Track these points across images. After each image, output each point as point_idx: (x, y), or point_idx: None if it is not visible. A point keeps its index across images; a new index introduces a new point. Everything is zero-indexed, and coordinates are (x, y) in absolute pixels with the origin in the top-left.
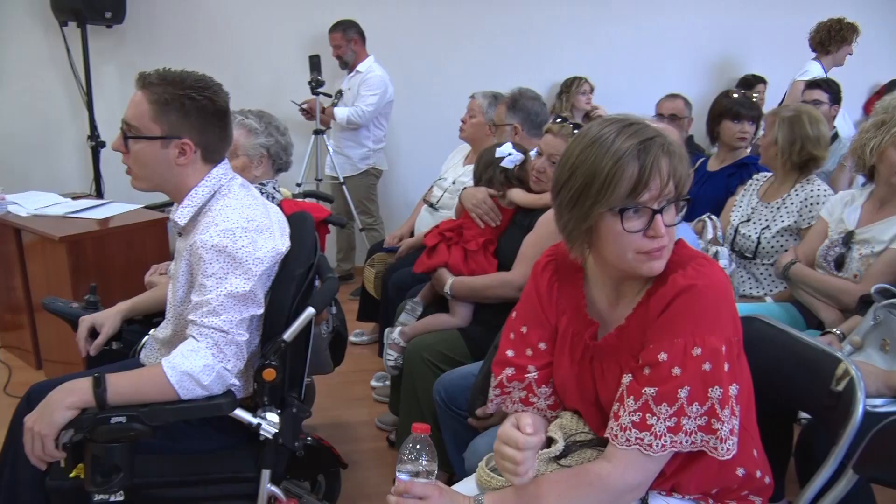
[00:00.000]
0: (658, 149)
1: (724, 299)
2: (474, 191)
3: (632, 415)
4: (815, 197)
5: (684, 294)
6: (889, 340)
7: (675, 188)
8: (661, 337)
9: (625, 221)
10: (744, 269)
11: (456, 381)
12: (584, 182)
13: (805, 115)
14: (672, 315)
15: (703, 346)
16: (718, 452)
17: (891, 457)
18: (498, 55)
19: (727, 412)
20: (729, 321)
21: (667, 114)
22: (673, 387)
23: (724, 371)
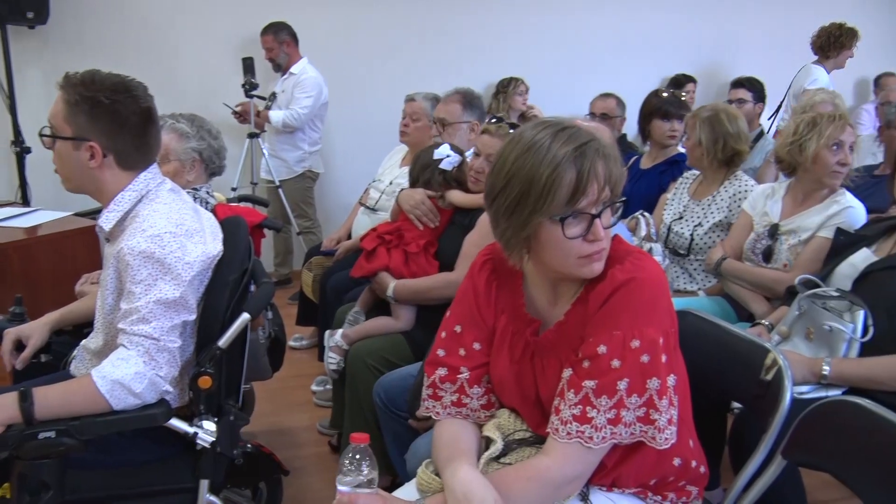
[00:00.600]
0: (594, 153)
1: (661, 292)
2: (412, 192)
3: (572, 408)
4: (743, 192)
5: (623, 288)
6: (813, 329)
7: (611, 191)
8: (601, 330)
9: (565, 228)
10: (677, 266)
11: (395, 383)
12: (521, 190)
13: (723, 113)
14: (611, 308)
15: (641, 339)
16: (657, 442)
17: (816, 441)
18: (433, 55)
19: (665, 402)
20: (666, 313)
21: (598, 113)
22: (612, 379)
23: (661, 362)
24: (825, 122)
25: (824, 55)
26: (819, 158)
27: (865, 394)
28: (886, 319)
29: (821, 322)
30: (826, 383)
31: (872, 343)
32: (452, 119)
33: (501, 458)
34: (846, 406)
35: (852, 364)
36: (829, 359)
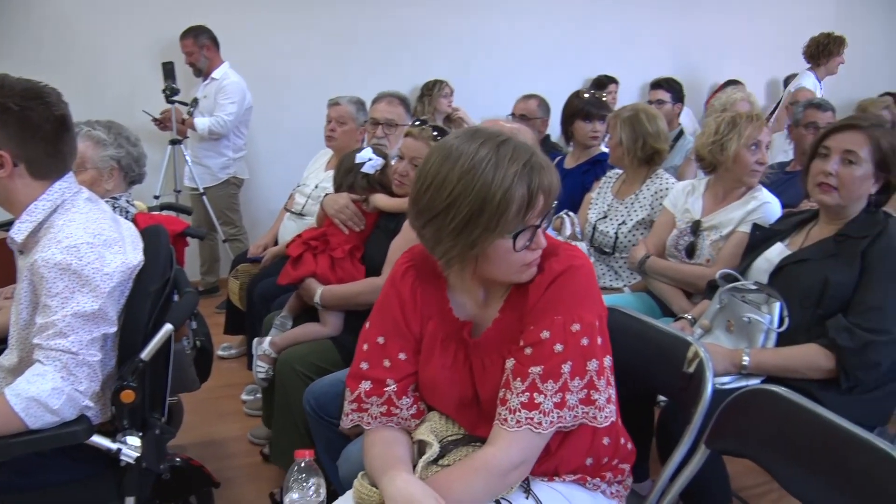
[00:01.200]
0: (538, 169)
1: (594, 279)
2: (336, 197)
3: (520, 396)
4: (664, 190)
5: (562, 276)
6: (733, 322)
7: (550, 200)
8: (543, 317)
9: (516, 243)
10: (603, 264)
11: (326, 389)
12: (470, 211)
13: (642, 113)
14: (552, 296)
15: (580, 322)
16: (598, 421)
17: (737, 429)
18: (357, 58)
19: (603, 382)
20: (599, 298)
21: (518, 114)
22: (557, 363)
23: (598, 344)
24: (744, 122)
25: (816, 63)
26: (739, 158)
27: (782, 382)
28: (800, 310)
29: (740, 314)
30: (746, 373)
31: (788, 333)
32: (400, 121)
33: (439, 461)
34: (763, 394)
35: (770, 354)
36: (748, 350)
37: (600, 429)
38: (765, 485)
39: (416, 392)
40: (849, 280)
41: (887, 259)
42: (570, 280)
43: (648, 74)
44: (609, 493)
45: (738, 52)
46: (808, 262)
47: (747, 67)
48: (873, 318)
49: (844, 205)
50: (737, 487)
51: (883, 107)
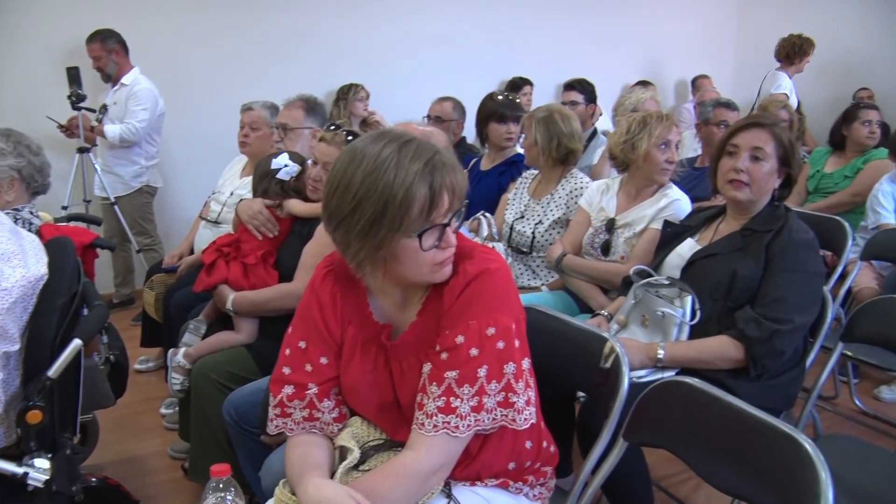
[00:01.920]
0: (442, 167)
1: (510, 282)
2: (250, 203)
3: (436, 400)
4: (579, 189)
5: (476, 280)
6: (648, 316)
7: (458, 199)
8: (457, 321)
9: (422, 243)
10: (521, 263)
11: (246, 398)
12: (374, 212)
13: (556, 113)
14: (466, 300)
15: (496, 326)
16: (518, 424)
17: (653, 421)
18: (271, 63)
19: (522, 385)
20: (515, 301)
21: (434, 116)
22: (473, 367)
23: (515, 347)
24: (654, 122)
25: (789, 62)
26: (649, 156)
27: (696, 373)
28: (710, 302)
29: (654, 309)
30: (661, 366)
31: (700, 325)
32: (294, 124)
33: (360, 467)
34: (676, 386)
35: (683, 346)
36: (663, 343)
37: (522, 432)
38: (684, 472)
39: (339, 396)
40: (755, 273)
41: (788, 252)
42: (484, 283)
43: (562, 76)
44: (532, 495)
45: (648, 54)
46: (717, 256)
47: (657, 68)
48: (777, 308)
49: (755, 199)
50: (657, 477)
51: (781, 106)
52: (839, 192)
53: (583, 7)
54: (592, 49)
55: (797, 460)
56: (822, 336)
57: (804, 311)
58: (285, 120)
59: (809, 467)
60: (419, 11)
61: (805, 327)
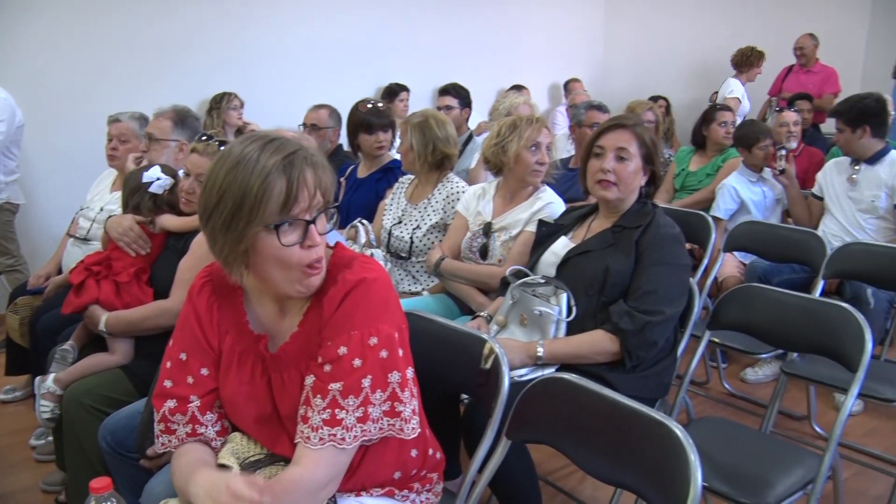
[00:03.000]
0: (302, 161)
1: (390, 291)
2: (120, 219)
3: (321, 413)
4: (455, 194)
5: (356, 289)
6: (526, 315)
7: (323, 197)
8: (339, 332)
9: (281, 236)
10: (401, 269)
11: (123, 422)
12: (234, 204)
13: (432, 119)
14: (346, 310)
15: (378, 335)
16: (405, 433)
17: (534, 418)
18: (141, 72)
19: (407, 394)
20: (397, 310)
21: (309, 123)
22: (357, 378)
23: (399, 356)
24: (524, 124)
25: (740, 70)
26: (520, 158)
27: (575, 368)
28: (585, 298)
29: (531, 308)
30: (542, 364)
31: (576, 321)
32: (160, 136)
33: None
34: (554, 383)
35: (561, 343)
36: (542, 341)
37: (408, 441)
38: (570, 465)
39: (221, 409)
40: (626, 267)
41: (656, 246)
42: (364, 293)
43: (439, 81)
44: (419, 502)
45: (522, 59)
46: (590, 253)
47: (531, 73)
48: (649, 300)
49: (623, 197)
50: (545, 472)
51: (647, 108)
52: (703, 188)
53: (458, 13)
54: (468, 54)
55: (668, 446)
56: (690, 325)
57: (674, 303)
58: (152, 130)
59: (680, 451)
60: (294, 18)
61: (675, 318)
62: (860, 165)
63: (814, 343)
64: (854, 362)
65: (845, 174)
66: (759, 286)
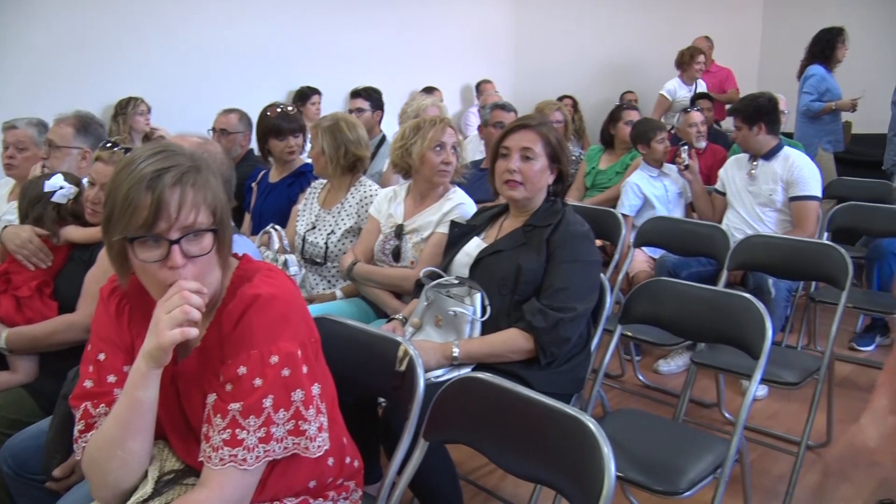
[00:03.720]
0: (172, 179)
1: (293, 305)
2: (17, 230)
3: (221, 433)
4: (368, 197)
5: (254, 305)
6: (441, 316)
7: (197, 218)
8: (238, 351)
9: (137, 251)
10: (316, 274)
11: (27, 443)
12: (110, 209)
13: (342, 121)
14: (245, 327)
15: (278, 354)
16: (310, 452)
17: (450, 418)
18: (39, 75)
19: (312, 412)
20: (301, 324)
21: (219, 128)
22: (257, 398)
23: (303, 374)
24: (427, 125)
25: (682, 69)
26: (425, 160)
27: (491, 367)
28: (499, 297)
29: (446, 309)
30: (458, 364)
31: (491, 320)
32: (61, 143)
33: (149, 501)
34: (469, 382)
35: (476, 343)
36: (457, 341)
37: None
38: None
39: None
40: (538, 266)
41: (567, 244)
42: (262, 310)
43: (353, 84)
44: None
45: (435, 60)
46: (502, 252)
47: (444, 74)
48: (560, 298)
49: (530, 196)
50: (466, 471)
51: (555, 108)
52: (612, 186)
53: (369, 16)
54: (380, 57)
55: (582, 439)
56: (602, 320)
57: (585, 299)
58: (52, 137)
59: (593, 444)
60: (202, 20)
61: (587, 313)
62: (758, 161)
63: (719, 333)
64: (756, 349)
65: (745, 170)
66: (667, 280)
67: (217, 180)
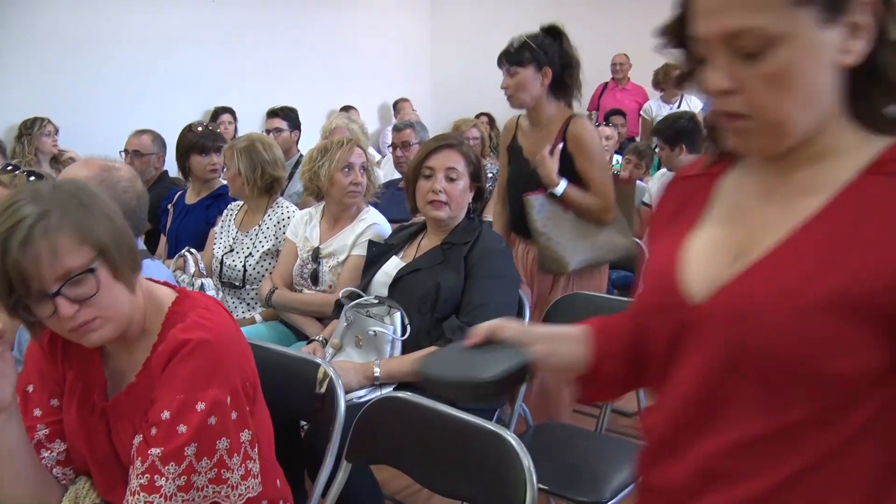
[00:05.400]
0: (21, 240)
1: (228, 349)
2: None
3: (140, 478)
4: (286, 219)
5: (183, 349)
6: (361, 336)
7: (69, 262)
8: (165, 394)
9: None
10: (235, 297)
11: None
12: None
13: (258, 142)
14: (172, 371)
15: (205, 400)
16: (231, 500)
17: (372, 439)
18: None
19: (237, 460)
20: (234, 368)
21: (131, 150)
22: (179, 445)
23: (231, 421)
24: (335, 147)
25: (661, 88)
26: (334, 180)
27: (413, 386)
28: (418, 316)
29: (366, 329)
30: (379, 383)
31: (411, 339)
32: None
33: None
34: (390, 402)
35: (397, 362)
36: (378, 361)
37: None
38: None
39: None
40: (457, 283)
41: (485, 260)
42: (192, 356)
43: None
44: None
45: (352, 80)
46: (421, 271)
47: (361, 93)
48: (480, 314)
49: (454, 216)
50: (392, 491)
51: (472, 125)
52: None
53: (287, 35)
54: (298, 76)
55: (504, 455)
56: None
57: (504, 314)
58: None
59: (514, 459)
60: (114, 39)
61: None
62: None
63: None
64: None
65: None
66: (583, 293)
67: (94, 207)
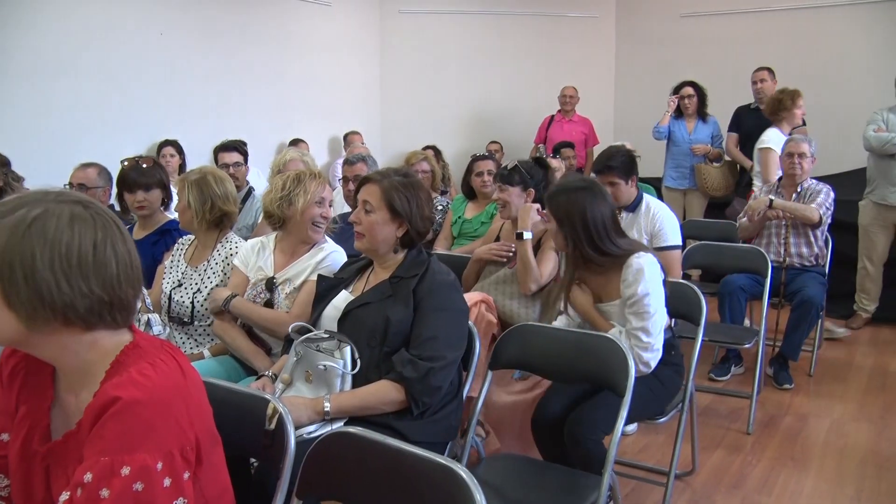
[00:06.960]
0: None
1: (162, 408)
2: None
3: None
4: (235, 254)
5: (110, 408)
6: (311, 371)
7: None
8: (90, 454)
9: None
10: (183, 333)
11: None
12: None
13: (210, 175)
14: (100, 430)
15: (131, 465)
16: None
17: (323, 475)
18: None
19: None
20: (171, 431)
21: (77, 183)
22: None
23: (161, 488)
24: (308, 179)
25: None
26: (307, 212)
27: (364, 420)
28: (368, 350)
29: (316, 363)
30: (330, 418)
31: (361, 374)
32: None
33: None
34: (340, 437)
35: (347, 396)
36: (328, 396)
37: None
38: None
39: None
40: (406, 316)
41: (433, 293)
42: (121, 416)
43: (218, 137)
44: None
45: (301, 113)
46: (369, 304)
47: (310, 127)
48: (430, 347)
49: (373, 248)
50: None
51: (422, 158)
52: (480, 236)
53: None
54: (247, 110)
55: (454, 488)
56: (473, 367)
57: (454, 347)
58: None
59: (465, 492)
60: (58, 70)
61: (456, 361)
62: (623, 214)
63: (585, 372)
64: (621, 388)
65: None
66: (534, 325)
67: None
